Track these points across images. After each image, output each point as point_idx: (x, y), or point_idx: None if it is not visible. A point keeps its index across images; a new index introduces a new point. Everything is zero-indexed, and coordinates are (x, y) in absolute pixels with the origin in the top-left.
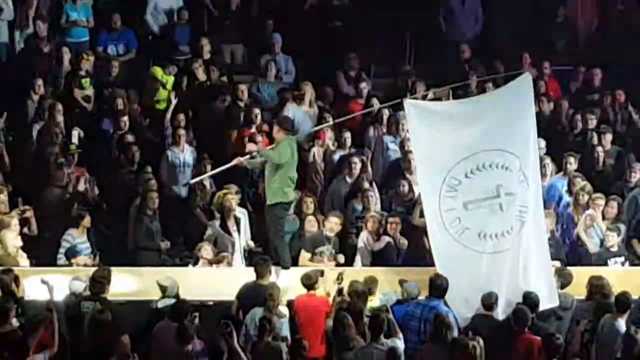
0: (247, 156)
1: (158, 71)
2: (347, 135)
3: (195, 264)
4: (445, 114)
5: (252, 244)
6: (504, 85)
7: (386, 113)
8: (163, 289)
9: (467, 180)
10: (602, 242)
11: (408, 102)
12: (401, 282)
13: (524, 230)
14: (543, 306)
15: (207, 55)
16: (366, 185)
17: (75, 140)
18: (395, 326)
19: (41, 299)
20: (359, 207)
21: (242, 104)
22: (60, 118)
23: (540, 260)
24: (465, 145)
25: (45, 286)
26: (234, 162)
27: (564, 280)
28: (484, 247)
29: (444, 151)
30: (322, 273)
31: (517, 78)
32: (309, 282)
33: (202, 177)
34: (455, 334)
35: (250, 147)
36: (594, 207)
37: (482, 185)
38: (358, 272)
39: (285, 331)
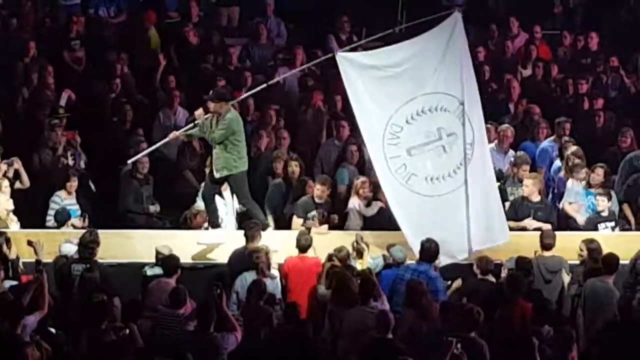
0: (182, 129)
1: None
2: (338, 98)
3: (185, 226)
4: (379, 62)
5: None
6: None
7: None
8: (160, 255)
9: (408, 126)
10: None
11: (340, 56)
12: (388, 247)
13: (470, 167)
14: (497, 241)
15: (195, 19)
16: (353, 148)
17: (63, 103)
18: (379, 289)
19: (31, 260)
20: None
21: (231, 67)
22: (50, 80)
23: (489, 196)
24: (403, 92)
25: (32, 248)
26: (170, 136)
27: (545, 242)
28: (432, 191)
29: (382, 100)
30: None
31: (447, 19)
32: (305, 243)
33: (140, 155)
34: (442, 297)
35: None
36: (574, 175)
37: (424, 129)
38: (349, 235)
39: (278, 293)
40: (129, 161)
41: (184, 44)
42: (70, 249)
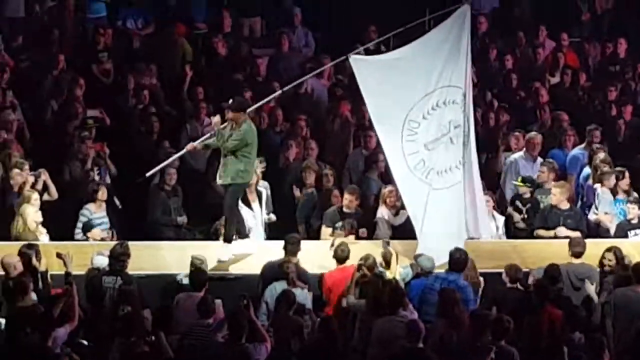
0: (199, 140)
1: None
2: (365, 108)
3: (215, 237)
4: (391, 61)
5: (273, 217)
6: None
7: None
8: (197, 263)
9: (425, 122)
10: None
11: (353, 58)
12: (416, 257)
13: (466, 156)
14: (481, 234)
15: (227, 29)
16: (380, 157)
17: (93, 114)
18: (405, 299)
19: (61, 273)
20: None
21: (259, 79)
22: (79, 92)
23: (478, 188)
24: (418, 87)
25: (61, 260)
26: (188, 147)
27: (574, 250)
28: (444, 183)
29: (398, 97)
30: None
31: (456, 11)
32: (342, 255)
33: (159, 167)
34: (472, 306)
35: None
36: (604, 182)
37: (437, 123)
38: (377, 244)
39: (308, 303)
40: (148, 174)
41: (211, 55)
42: (102, 261)
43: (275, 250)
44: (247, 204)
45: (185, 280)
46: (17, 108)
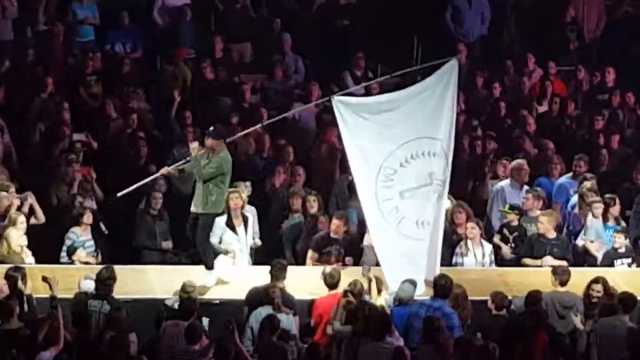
0: (175, 165)
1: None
2: None
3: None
4: (374, 106)
5: (258, 242)
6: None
7: None
8: (187, 291)
9: (402, 169)
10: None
11: (336, 99)
12: (401, 283)
13: (440, 207)
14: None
15: (219, 55)
16: None
17: (79, 138)
18: (392, 325)
19: (46, 296)
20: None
21: (245, 104)
22: (67, 116)
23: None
24: (397, 135)
25: (47, 284)
26: (162, 171)
27: (561, 278)
28: (420, 234)
29: (377, 142)
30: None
31: (445, 65)
32: (332, 280)
33: (130, 189)
34: (458, 333)
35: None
36: (592, 211)
37: (416, 173)
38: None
39: (294, 329)
40: (119, 194)
41: (199, 80)
42: (90, 285)
43: (260, 276)
44: (232, 228)
45: (177, 305)
46: (4, 130)
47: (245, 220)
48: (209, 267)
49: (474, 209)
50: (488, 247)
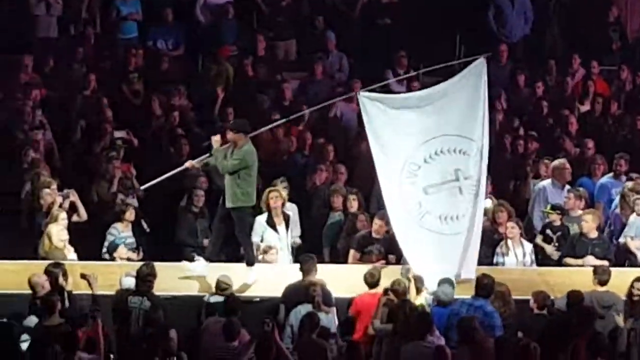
0: (199, 159)
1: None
2: None
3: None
4: (400, 102)
5: (298, 241)
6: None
7: None
8: (223, 286)
9: (426, 165)
10: None
11: (362, 95)
12: (439, 283)
13: (477, 207)
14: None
15: (262, 52)
16: None
17: (120, 135)
18: (433, 324)
19: (87, 292)
20: None
21: (286, 102)
22: (109, 113)
23: (479, 231)
24: (423, 131)
25: (86, 281)
26: (186, 164)
27: (601, 278)
28: (444, 229)
29: (401, 139)
30: (408, 271)
31: (473, 63)
32: (373, 280)
33: (153, 182)
34: (499, 333)
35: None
36: (635, 208)
37: (441, 169)
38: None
39: (333, 327)
40: (142, 187)
41: (241, 78)
42: (131, 282)
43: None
44: (273, 226)
45: (213, 299)
46: (46, 127)
47: (286, 219)
48: (250, 263)
49: (515, 209)
50: (528, 247)
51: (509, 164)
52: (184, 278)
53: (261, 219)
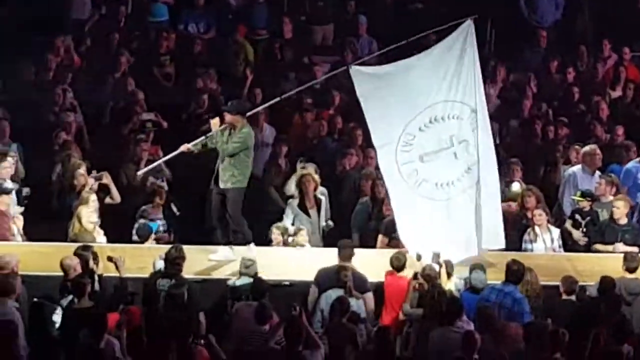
0: (195, 141)
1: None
2: None
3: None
4: (391, 74)
5: (331, 224)
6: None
7: None
8: (246, 265)
9: (421, 134)
10: None
11: (353, 69)
12: (471, 269)
13: (474, 171)
14: (487, 247)
15: (288, 35)
16: None
17: (149, 117)
18: (462, 310)
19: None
20: None
21: (317, 86)
22: (139, 96)
23: (491, 200)
24: (416, 101)
25: (114, 264)
26: (181, 148)
27: (629, 265)
28: (441, 196)
29: (396, 110)
30: (418, 257)
31: (459, 26)
32: (399, 263)
33: (151, 166)
34: (527, 319)
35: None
36: None
37: (436, 137)
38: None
39: (363, 312)
40: (139, 172)
41: (272, 61)
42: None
43: (331, 258)
44: (305, 210)
45: (238, 282)
46: (77, 110)
47: (318, 203)
48: (249, 241)
49: (545, 195)
50: (556, 232)
51: (540, 150)
52: (213, 261)
53: (293, 203)
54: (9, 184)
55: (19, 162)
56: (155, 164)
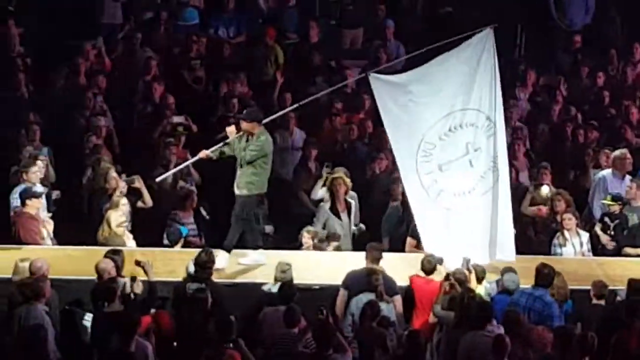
0: (213, 148)
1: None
2: None
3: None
4: (411, 82)
5: (363, 227)
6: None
7: None
8: (283, 270)
9: (441, 143)
10: None
11: (372, 76)
12: (503, 272)
13: (500, 181)
14: (500, 257)
15: (315, 39)
16: None
17: (179, 120)
18: (492, 314)
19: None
20: None
21: (348, 90)
22: (170, 100)
23: (505, 210)
24: (435, 110)
25: (141, 268)
26: (200, 155)
27: None
28: (460, 206)
29: (415, 118)
30: (441, 261)
31: (478, 34)
32: (430, 266)
33: (168, 174)
34: (557, 323)
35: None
36: None
37: (454, 145)
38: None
39: (393, 316)
40: (158, 179)
41: (302, 65)
42: None
43: (361, 261)
44: (336, 214)
45: (274, 289)
46: (107, 114)
47: (348, 207)
48: (258, 245)
49: (575, 198)
50: (585, 236)
51: (570, 154)
52: (242, 265)
53: (325, 206)
54: (38, 188)
55: (49, 165)
56: (172, 171)
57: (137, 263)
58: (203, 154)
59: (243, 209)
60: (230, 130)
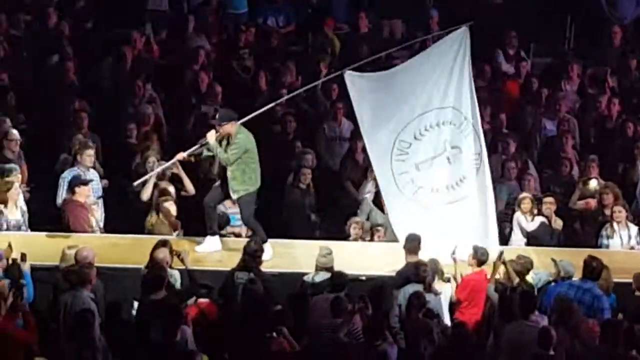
0: (190, 150)
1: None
2: (503, 116)
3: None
4: (386, 81)
5: None
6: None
7: (545, 92)
8: (323, 254)
9: (416, 142)
10: None
11: (348, 74)
12: (555, 260)
13: (480, 175)
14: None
15: (364, 30)
16: (512, 165)
17: (206, 110)
18: (536, 304)
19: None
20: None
21: None
22: (218, 89)
23: (489, 200)
24: (410, 108)
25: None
26: (177, 157)
27: None
28: (438, 201)
29: (390, 116)
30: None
31: (453, 32)
32: (482, 258)
33: (147, 177)
34: (606, 316)
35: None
36: None
37: (431, 144)
38: (513, 251)
39: (439, 309)
40: (135, 183)
41: (350, 55)
42: None
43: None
44: (380, 207)
45: (319, 278)
46: (156, 102)
47: None
48: (264, 240)
49: (624, 192)
50: (634, 229)
51: (618, 147)
52: (288, 255)
53: (368, 198)
54: (90, 173)
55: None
56: (151, 173)
57: (176, 253)
58: (180, 156)
59: (248, 208)
60: (210, 134)
